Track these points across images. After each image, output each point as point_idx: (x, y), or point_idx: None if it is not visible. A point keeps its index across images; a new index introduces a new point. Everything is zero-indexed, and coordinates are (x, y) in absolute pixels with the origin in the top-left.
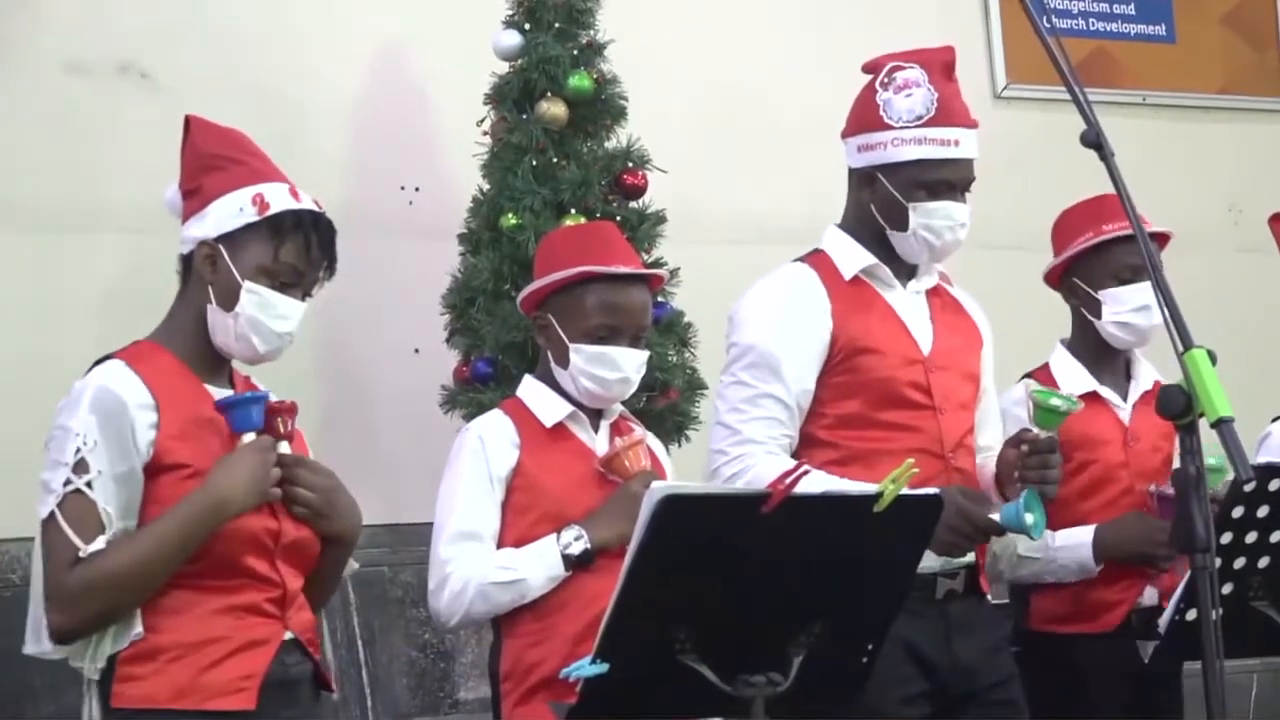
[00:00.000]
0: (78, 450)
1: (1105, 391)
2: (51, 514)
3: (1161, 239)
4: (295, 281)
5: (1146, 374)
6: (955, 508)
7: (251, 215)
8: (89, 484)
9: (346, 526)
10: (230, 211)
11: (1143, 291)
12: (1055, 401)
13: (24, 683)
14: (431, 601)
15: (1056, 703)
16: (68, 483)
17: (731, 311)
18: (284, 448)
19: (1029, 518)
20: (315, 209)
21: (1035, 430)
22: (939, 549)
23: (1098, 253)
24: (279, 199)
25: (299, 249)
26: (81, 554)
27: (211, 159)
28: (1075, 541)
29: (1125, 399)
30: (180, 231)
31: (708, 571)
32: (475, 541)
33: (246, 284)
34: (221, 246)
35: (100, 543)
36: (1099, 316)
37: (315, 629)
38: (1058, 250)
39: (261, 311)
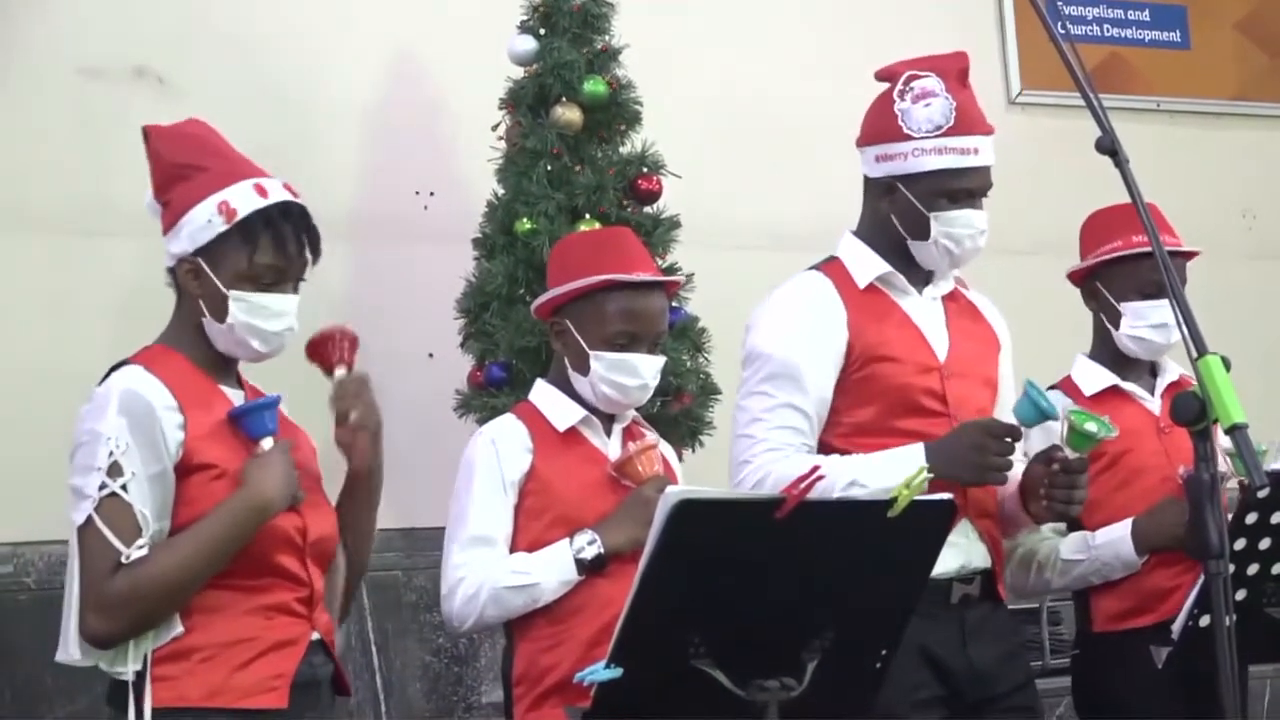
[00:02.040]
0: (110, 454)
1: (1129, 386)
2: (89, 519)
3: (1187, 255)
4: (280, 278)
5: (1172, 368)
6: (970, 426)
7: (221, 225)
8: (124, 486)
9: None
10: (200, 224)
11: (1165, 309)
12: (1090, 426)
13: (39, 684)
14: (444, 605)
15: (1125, 704)
16: (103, 486)
17: (748, 322)
18: (341, 373)
19: (1043, 402)
20: (284, 199)
21: (1066, 450)
22: (978, 476)
23: (1125, 263)
24: (244, 201)
25: (273, 247)
26: (124, 559)
27: (174, 169)
28: (1114, 536)
29: (1152, 393)
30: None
31: (722, 576)
32: (488, 546)
33: (232, 293)
34: (200, 260)
35: (142, 548)
36: (1117, 326)
37: (333, 631)
38: (1085, 251)
39: (253, 316)
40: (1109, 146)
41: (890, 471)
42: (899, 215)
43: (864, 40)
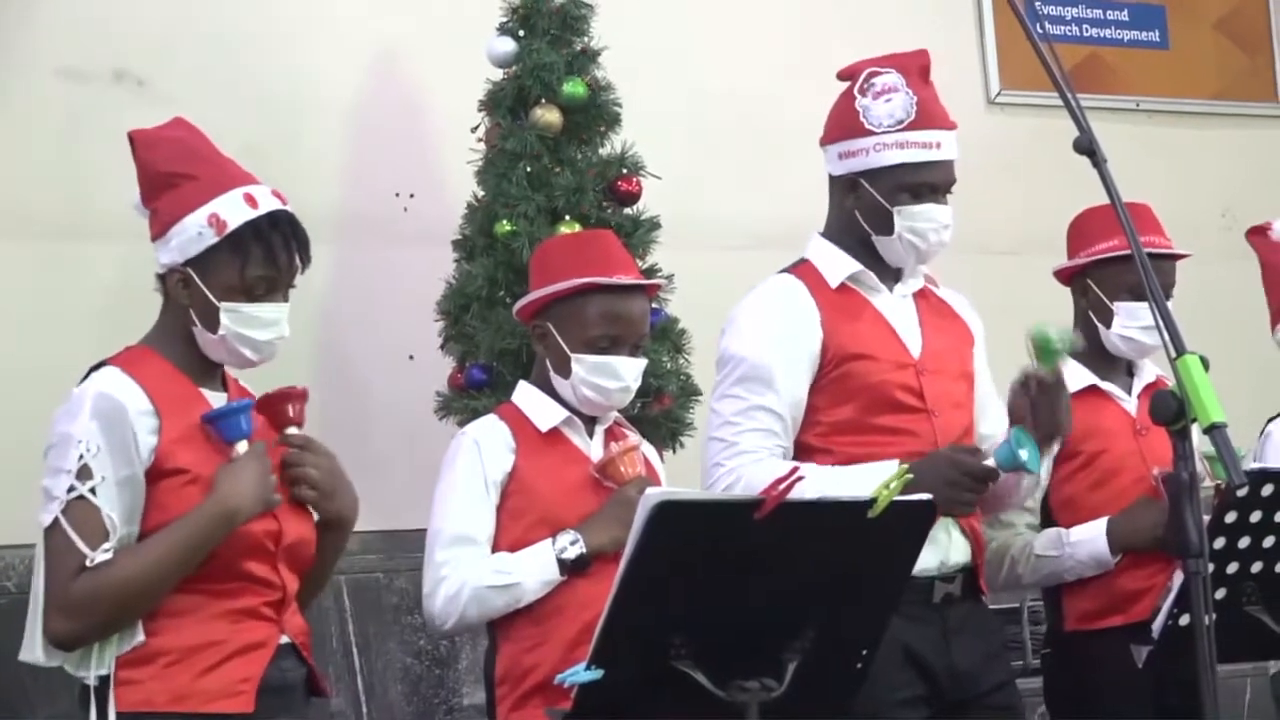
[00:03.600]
0: (80, 457)
1: (1107, 386)
2: (55, 521)
3: (1177, 258)
4: (271, 288)
5: (1149, 369)
6: (947, 459)
7: (211, 237)
8: (93, 490)
9: (347, 508)
10: (190, 236)
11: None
12: (1052, 333)
13: (19, 687)
14: (426, 605)
15: (1095, 703)
16: (71, 489)
17: (722, 326)
18: (292, 432)
19: (1023, 454)
20: (274, 208)
21: (1037, 369)
22: (943, 508)
23: (1118, 262)
24: (234, 213)
25: (264, 259)
26: (88, 562)
27: (162, 178)
28: (1089, 535)
29: (1129, 393)
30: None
31: (702, 577)
32: (470, 545)
33: (223, 305)
34: (191, 271)
35: (107, 551)
36: (1108, 325)
37: (308, 633)
38: (1075, 249)
39: (244, 326)
40: (1087, 146)
41: (861, 484)
42: (863, 212)
43: (842, 41)
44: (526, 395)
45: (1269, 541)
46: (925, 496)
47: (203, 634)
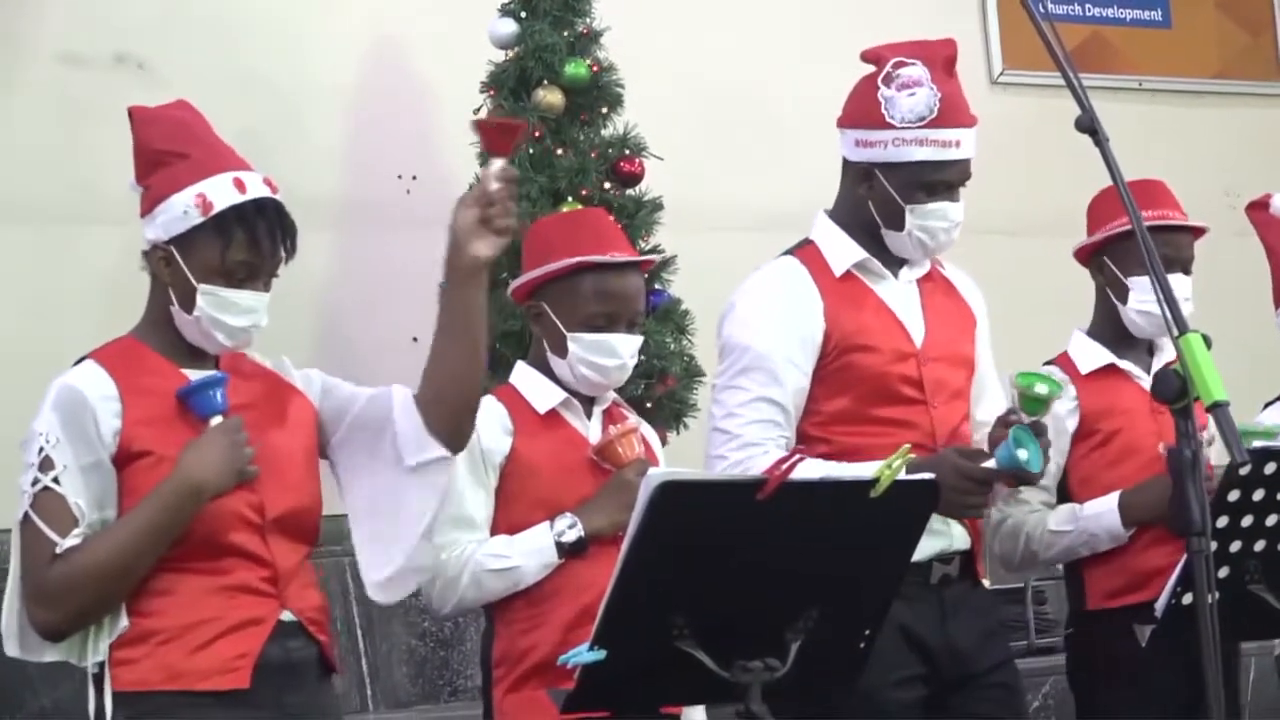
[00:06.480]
0: (40, 449)
1: (1125, 364)
2: (26, 514)
3: (1196, 232)
4: (251, 274)
5: (1169, 349)
6: (950, 465)
7: (196, 217)
8: (55, 479)
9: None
10: (176, 214)
11: (1174, 285)
12: (1040, 389)
13: (21, 673)
14: (425, 588)
15: (1117, 681)
16: (35, 481)
17: (723, 312)
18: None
19: (1022, 454)
20: (262, 195)
21: (1021, 415)
22: (949, 512)
23: (1133, 238)
24: (222, 195)
25: (246, 244)
26: (58, 550)
27: (155, 155)
28: (1102, 509)
29: (1148, 372)
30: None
31: (705, 558)
32: (469, 528)
33: (201, 286)
34: (174, 249)
35: (76, 538)
36: (1124, 301)
37: (324, 610)
38: (1093, 226)
39: (220, 310)
40: (1088, 125)
41: (863, 471)
42: (875, 203)
43: (846, 20)
44: (524, 376)
45: (1272, 520)
46: (928, 476)
47: (194, 611)
